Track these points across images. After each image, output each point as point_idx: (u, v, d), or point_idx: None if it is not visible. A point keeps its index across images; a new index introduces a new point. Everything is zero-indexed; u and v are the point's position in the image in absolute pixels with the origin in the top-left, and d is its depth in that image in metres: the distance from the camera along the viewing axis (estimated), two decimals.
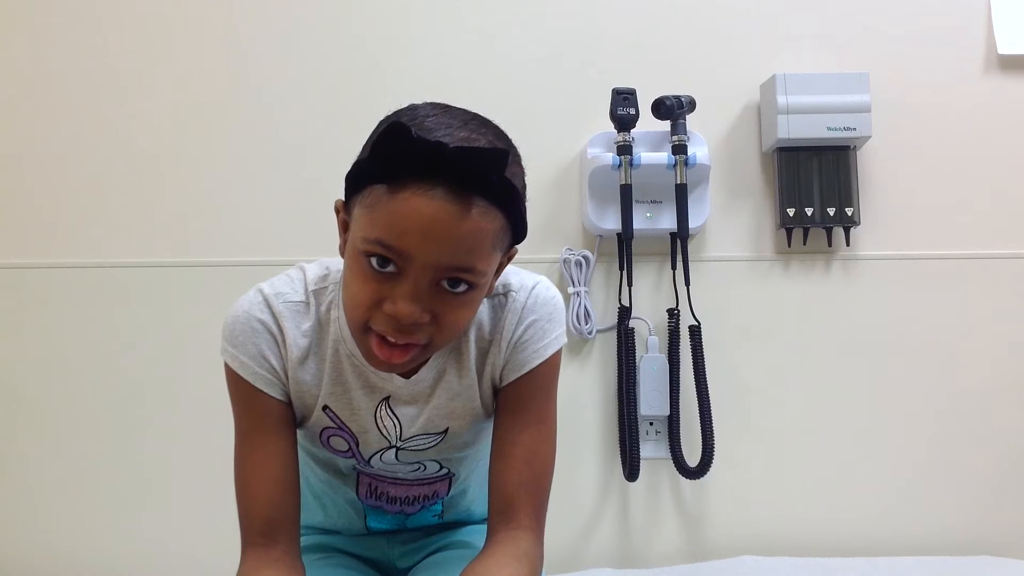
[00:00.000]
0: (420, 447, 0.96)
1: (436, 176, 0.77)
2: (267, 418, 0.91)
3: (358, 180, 0.82)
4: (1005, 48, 1.71)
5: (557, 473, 1.63)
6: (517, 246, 0.89)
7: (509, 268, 0.95)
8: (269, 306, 0.91)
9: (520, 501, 0.91)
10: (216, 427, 1.58)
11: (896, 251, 1.69)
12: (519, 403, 0.94)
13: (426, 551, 1.07)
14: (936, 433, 1.66)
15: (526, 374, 0.93)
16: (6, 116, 1.66)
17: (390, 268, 0.80)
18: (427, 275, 0.80)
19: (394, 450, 0.96)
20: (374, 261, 0.80)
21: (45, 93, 1.66)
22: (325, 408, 0.93)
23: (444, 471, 1.01)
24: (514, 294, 0.94)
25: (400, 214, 0.78)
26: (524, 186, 0.87)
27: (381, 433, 0.94)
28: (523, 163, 0.88)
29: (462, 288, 0.82)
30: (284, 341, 0.90)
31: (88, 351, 1.62)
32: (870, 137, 1.63)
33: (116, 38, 1.67)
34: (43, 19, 1.67)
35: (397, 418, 0.94)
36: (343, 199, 0.87)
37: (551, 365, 0.95)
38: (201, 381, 1.60)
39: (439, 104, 0.85)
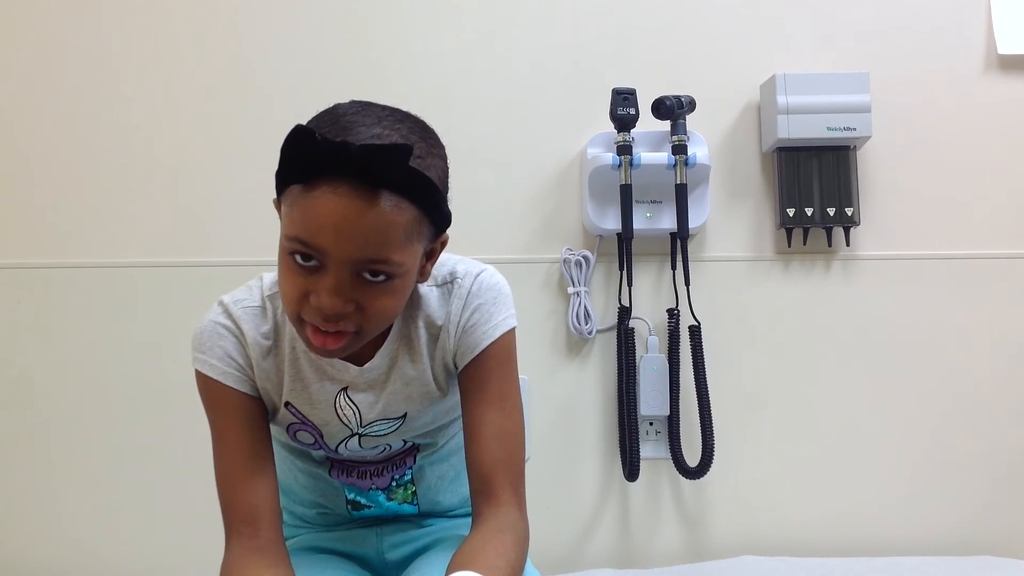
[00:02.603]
0: (381, 432, 1.01)
1: (343, 174, 0.81)
2: (239, 414, 0.96)
3: (278, 181, 0.88)
4: (1005, 48, 1.71)
5: (557, 473, 1.64)
6: (447, 233, 0.94)
7: (457, 257, 1.01)
8: (229, 313, 0.97)
9: (497, 478, 0.94)
10: None
11: (896, 251, 1.69)
12: (479, 384, 0.98)
13: (415, 544, 1.08)
14: (936, 433, 1.66)
15: (479, 355, 0.97)
16: (6, 116, 1.67)
17: (312, 263, 0.85)
18: (345, 269, 0.84)
19: (356, 437, 1.00)
20: (298, 257, 0.85)
21: (45, 94, 1.66)
22: (287, 404, 0.98)
23: (409, 444, 1.06)
24: (460, 281, 0.99)
25: (312, 212, 0.83)
26: (444, 175, 0.91)
27: (342, 422, 0.99)
28: (444, 153, 0.92)
29: (382, 278, 0.86)
30: (246, 342, 0.96)
31: (87, 351, 1.62)
32: (870, 137, 1.63)
33: (118, 38, 1.67)
34: (45, 20, 1.67)
35: (356, 406, 0.98)
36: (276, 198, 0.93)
37: (503, 345, 0.99)
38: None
39: (361, 102, 0.89)
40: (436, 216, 0.89)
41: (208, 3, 1.68)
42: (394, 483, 1.07)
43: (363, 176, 0.81)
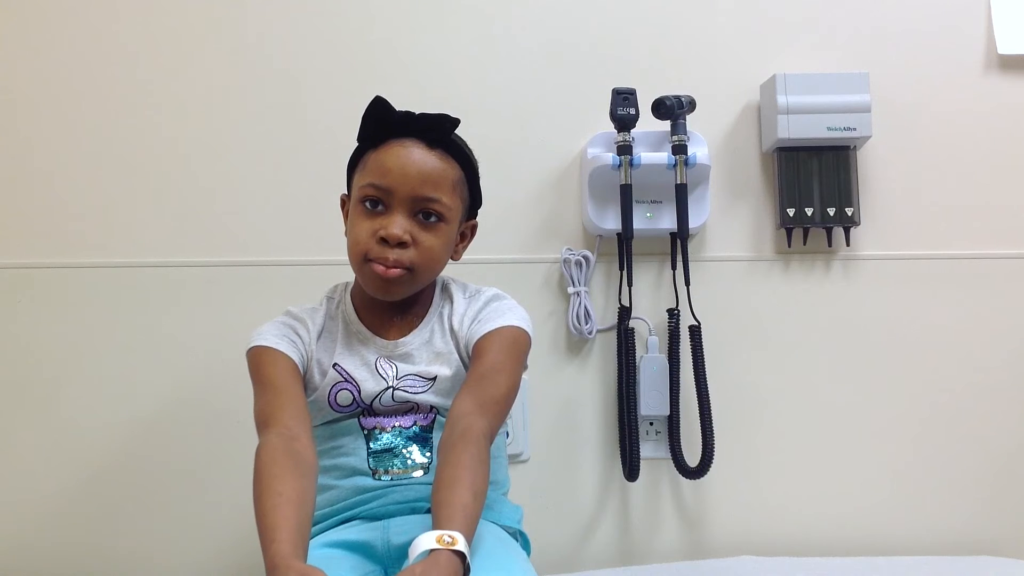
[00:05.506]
0: (412, 389, 1.15)
1: (408, 134, 1.12)
2: (284, 370, 1.11)
3: (354, 158, 1.17)
4: (1005, 48, 1.71)
5: (557, 473, 1.64)
6: (476, 220, 1.22)
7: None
8: (289, 312, 1.20)
9: (468, 409, 1.04)
10: (217, 425, 1.58)
11: (896, 251, 1.69)
12: (480, 353, 1.13)
13: (422, 528, 1.08)
14: (936, 433, 1.66)
15: (489, 332, 1.14)
16: (6, 114, 1.66)
17: (380, 208, 1.11)
18: (406, 206, 1.11)
19: (391, 390, 1.15)
20: (368, 204, 1.11)
21: (46, 92, 1.66)
22: (335, 365, 1.16)
23: (432, 409, 1.17)
24: (484, 292, 1.22)
25: (384, 160, 1.11)
26: (476, 172, 1.20)
27: (379, 375, 1.15)
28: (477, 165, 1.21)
29: (433, 220, 1.12)
30: (306, 327, 1.18)
31: (88, 352, 1.62)
32: (870, 137, 1.63)
33: (120, 37, 1.67)
34: (47, 17, 1.67)
35: (394, 364, 1.16)
36: (346, 193, 1.18)
37: (513, 333, 1.15)
38: (202, 380, 1.60)
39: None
40: (473, 187, 1.18)
41: (211, 6, 1.68)
42: (415, 427, 1.16)
43: (423, 136, 1.11)
